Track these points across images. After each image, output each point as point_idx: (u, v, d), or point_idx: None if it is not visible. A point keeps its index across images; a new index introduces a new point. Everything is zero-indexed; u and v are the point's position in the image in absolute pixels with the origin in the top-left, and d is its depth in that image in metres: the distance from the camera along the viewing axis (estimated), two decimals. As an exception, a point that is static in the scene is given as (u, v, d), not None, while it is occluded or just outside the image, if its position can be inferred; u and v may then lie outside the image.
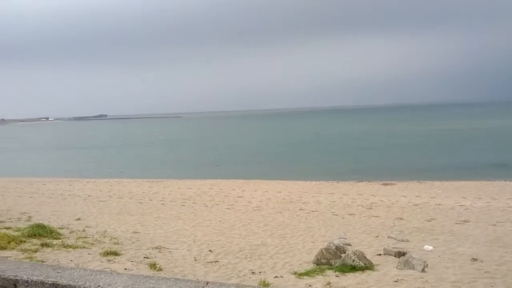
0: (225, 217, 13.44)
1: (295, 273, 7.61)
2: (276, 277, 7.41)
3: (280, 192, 18.88)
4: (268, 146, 54.82)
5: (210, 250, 9.30)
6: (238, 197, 17.71)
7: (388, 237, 10.73)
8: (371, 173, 27.44)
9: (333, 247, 8.41)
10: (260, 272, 7.73)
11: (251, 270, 7.90)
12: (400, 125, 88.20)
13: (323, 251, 8.39)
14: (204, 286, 3.69)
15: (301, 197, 17.51)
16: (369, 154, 40.34)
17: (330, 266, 7.92)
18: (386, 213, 14.06)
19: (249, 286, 3.84)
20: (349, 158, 38.32)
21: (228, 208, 15.14)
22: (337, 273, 7.51)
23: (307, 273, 7.56)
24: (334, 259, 8.12)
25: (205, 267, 8.04)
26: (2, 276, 4.17)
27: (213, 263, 8.29)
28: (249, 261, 8.57)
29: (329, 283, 6.89)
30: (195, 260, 8.51)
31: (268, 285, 6.55)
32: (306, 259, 8.76)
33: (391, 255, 8.75)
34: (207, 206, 15.64)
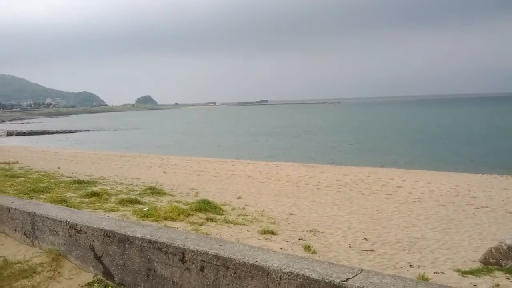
0: (382, 207, 12.97)
1: (458, 271, 7.01)
2: (437, 272, 6.91)
3: (445, 184, 17.57)
4: (433, 135, 51.44)
5: (366, 239, 9.06)
6: (397, 186, 16.96)
7: None
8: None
9: (505, 247, 7.54)
10: (418, 266, 7.29)
11: (409, 262, 7.50)
12: None
13: (492, 250, 7.58)
14: (358, 273, 3.59)
15: (469, 190, 16.05)
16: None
17: (500, 267, 7.12)
18: None
19: (407, 278, 3.62)
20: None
21: (386, 198, 14.59)
22: (507, 275, 6.71)
23: (472, 272, 6.90)
24: (505, 260, 7.28)
25: (360, 255, 7.86)
26: (172, 245, 4.58)
27: (369, 252, 8.06)
28: (407, 253, 8.15)
29: (497, 285, 6.19)
30: (350, 247, 8.37)
31: (427, 279, 6.13)
32: (471, 257, 8.02)
33: None
34: (363, 194, 15.28)
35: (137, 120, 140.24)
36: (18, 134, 76.04)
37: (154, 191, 12.59)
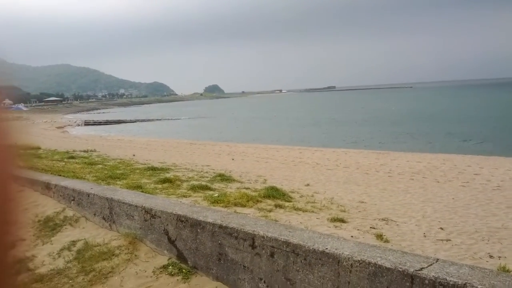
0: (458, 195, 12.39)
1: (543, 263, 6.57)
2: (520, 265, 6.51)
3: (527, 171, 16.51)
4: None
5: (441, 228, 8.70)
6: (474, 174, 16.12)
7: None
8: None
9: None
10: (499, 257, 6.90)
11: (489, 253, 7.12)
12: None
13: None
14: (433, 263, 3.45)
15: (554, 178, 14.96)
16: None
17: None
18: None
19: (486, 269, 3.42)
20: None
21: (462, 186, 13.92)
22: None
23: (559, 265, 6.44)
24: None
25: (435, 244, 7.57)
26: (243, 230, 4.64)
27: (444, 242, 7.74)
28: (486, 243, 7.73)
29: None
30: (424, 236, 8.08)
31: (508, 271, 5.79)
32: (559, 249, 7.48)
33: None
34: (438, 182, 14.67)
35: (205, 108, 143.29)
36: (95, 123, 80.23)
37: (224, 178, 12.80)
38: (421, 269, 3.31)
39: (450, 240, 7.84)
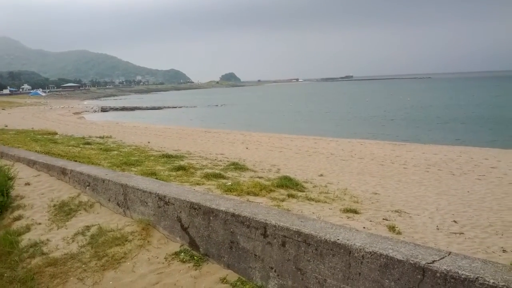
0: (474, 188, 12.26)
1: (560, 260, 6.48)
2: (534, 260, 6.44)
3: (545, 165, 16.24)
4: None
5: (455, 221, 8.64)
6: (491, 167, 15.92)
7: None
8: None
9: None
10: (513, 252, 6.83)
11: (502, 248, 7.04)
12: None
13: None
14: (445, 256, 3.43)
15: None
16: None
17: None
18: None
19: (499, 264, 3.39)
20: None
21: (478, 179, 13.77)
22: None
23: None
24: None
25: (448, 237, 7.51)
26: (255, 219, 4.66)
27: (458, 235, 7.68)
28: (500, 238, 7.65)
29: None
30: (437, 229, 8.03)
31: (523, 267, 5.73)
32: None
33: None
34: (454, 175, 14.52)
35: (221, 96, 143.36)
36: (111, 109, 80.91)
37: (237, 167, 12.83)
38: (433, 262, 3.30)
39: (463, 233, 7.78)
